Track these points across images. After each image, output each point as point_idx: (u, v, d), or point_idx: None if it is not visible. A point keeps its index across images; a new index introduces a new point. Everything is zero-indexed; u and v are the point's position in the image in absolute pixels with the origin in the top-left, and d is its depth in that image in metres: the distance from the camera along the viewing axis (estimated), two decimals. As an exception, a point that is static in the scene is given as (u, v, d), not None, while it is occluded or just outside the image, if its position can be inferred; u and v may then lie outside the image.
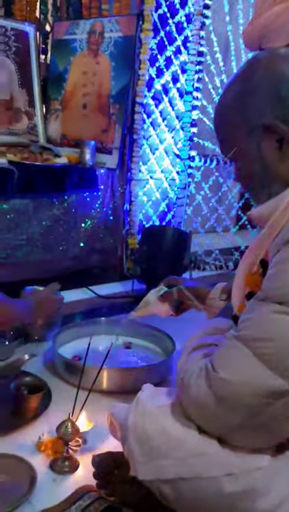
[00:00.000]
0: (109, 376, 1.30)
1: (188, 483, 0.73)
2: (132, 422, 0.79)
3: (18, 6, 2.54)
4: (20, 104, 2.36)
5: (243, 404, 0.69)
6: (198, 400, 0.73)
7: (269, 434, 0.72)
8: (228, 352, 0.72)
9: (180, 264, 2.17)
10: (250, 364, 0.69)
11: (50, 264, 2.09)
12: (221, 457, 0.73)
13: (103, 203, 2.26)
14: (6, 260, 1.95)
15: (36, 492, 0.92)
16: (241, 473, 0.72)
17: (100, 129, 2.26)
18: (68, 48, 2.40)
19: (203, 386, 0.73)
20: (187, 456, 0.74)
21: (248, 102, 0.80)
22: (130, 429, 0.79)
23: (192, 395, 0.75)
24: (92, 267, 2.27)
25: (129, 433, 0.79)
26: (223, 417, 0.71)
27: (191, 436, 0.75)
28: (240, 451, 0.73)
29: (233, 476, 0.72)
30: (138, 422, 0.78)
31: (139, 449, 0.77)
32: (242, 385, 0.69)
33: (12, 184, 1.88)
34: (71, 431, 0.98)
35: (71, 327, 1.53)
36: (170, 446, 0.75)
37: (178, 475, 0.74)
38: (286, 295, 0.68)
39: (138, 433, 0.78)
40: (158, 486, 0.76)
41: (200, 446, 0.74)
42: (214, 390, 0.71)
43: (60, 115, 2.43)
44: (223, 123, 0.86)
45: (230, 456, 0.73)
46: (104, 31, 2.28)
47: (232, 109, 0.83)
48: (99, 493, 0.92)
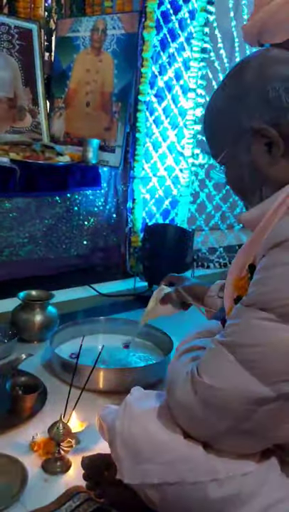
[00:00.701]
0: (106, 376, 1.31)
1: (173, 487, 0.73)
2: (119, 425, 0.79)
3: (22, 3, 2.54)
4: (24, 102, 2.37)
5: (228, 410, 0.69)
6: (184, 404, 0.73)
7: (255, 440, 0.72)
8: (212, 357, 0.72)
9: (183, 262, 2.16)
10: (234, 370, 0.69)
11: (53, 262, 2.10)
12: (206, 462, 0.73)
13: (106, 201, 2.26)
14: (9, 258, 1.97)
15: (27, 492, 0.93)
16: (226, 478, 0.72)
17: (102, 127, 2.26)
18: (72, 46, 2.40)
19: (189, 391, 0.73)
20: (172, 460, 0.74)
21: (237, 106, 0.79)
22: (117, 432, 0.79)
23: (178, 399, 0.75)
24: (95, 265, 2.28)
25: (116, 436, 0.79)
26: (208, 422, 0.71)
27: (177, 441, 0.75)
28: (225, 457, 0.73)
29: (218, 482, 0.72)
30: (125, 425, 0.78)
31: (126, 453, 0.77)
32: (226, 391, 0.69)
33: (15, 183, 1.89)
34: (62, 432, 0.98)
35: (69, 326, 1.53)
36: (155, 451, 0.75)
37: (163, 479, 0.74)
38: (270, 302, 0.68)
39: (124, 436, 0.78)
40: (144, 489, 0.76)
41: (185, 451, 0.74)
42: (199, 395, 0.71)
43: (64, 113, 2.43)
44: (213, 127, 0.85)
45: (215, 462, 0.73)
46: (107, 28, 2.27)
47: (221, 113, 0.82)
48: (89, 494, 0.92)
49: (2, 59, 2.32)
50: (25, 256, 1.99)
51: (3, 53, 2.32)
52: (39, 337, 1.53)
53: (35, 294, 1.57)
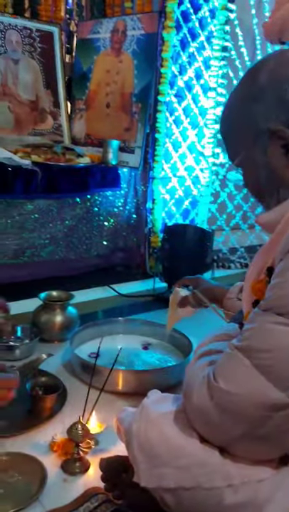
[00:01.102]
0: (125, 378, 1.31)
1: (189, 492, 0.73)
2: (135, 428, 0.79)
3: (43, 6, 2.57)
4: (46, 104, 2.40)
5: (243, 415, 0.68)
6: (200, 408, 0.73)
7: (271, 446, 0.71)
8: (228, 362, 0.72)
9: (202, 262, 2.15)
10: (250, 375, 0.68)
11: (73, 263, 2.12)
12: (222, 468, 0.73)
13: (126, 202, 2.27)
14: (31, 259, 2.00)
15: (46, 491, 0.94)
16: (242, 484, 0.71)
17: (122, 128, 2.27)
18: (92, 47, 2.42)
19: (205, 395, 0.72)
20: (188, 465, 0.74)
21: (254, 107, 0.78)
22: (134, 435, 0.79)
23: (194, 404, 0.75)
24: (115, 266, 2.29)
25: (132, 439, 0.79)
26: (224, 427, 0.71)
27: (193, 446, 0.75)
28: (241, 462, 0.73)
29: (233, 488, 0.71)
30: (141, 428, 0.79)
31: (142, 456, 0.77)
32: (242, 396, 0.68)
33: (36, 185, 1.92)
34: (81, 433, 0.99)
35: (89, 326, 1.54)
36: (171, 455, 0.75)
37: (179, 484, 0.74)
38: (287, 306, 0.67)
39: (141, 440, 0.78)
40: (160, 493, 0.76)
41: (201, 456, 0.74)
42: (215, 400, 0.71)
43: (85, 115, 2.45)
44: (229, 129, 0.85)
45: (231, 467, 0.72)
46: (127, 29, 2.27)
47: (237, 115, 0.82)
48: (107, 495, 0.93)
49: (24, 62, 2.36)
50: (47, 257, 2.02)
51: (25, 56, 2.36)
52: (59, 337, 1.55)
53: (56, 294, 1.59)
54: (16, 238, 1.92)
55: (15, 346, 1.42)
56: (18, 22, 2.33)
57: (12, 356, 1.40)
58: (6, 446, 1.06)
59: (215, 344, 0.88)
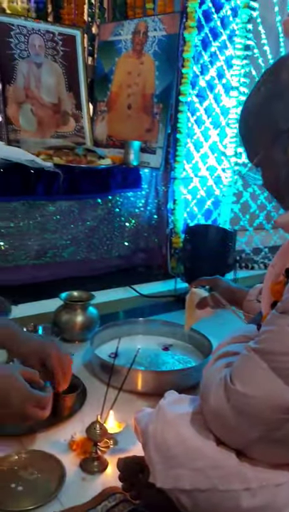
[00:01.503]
0: (144, 378, 1.31)
1: (205, 494, 0.73)
2: (152, 429, 0.80)
3: (66, 10, 2.61)
4: (68, 107, 2.43)
5: (260, 418, 0.68)
6: (216, 410, 0.73)
7: (287, 449, 0.70)
8: (245, 364, 0.71)
9: (224, 262, 2.13)
10: (267, 378, 0.67)
11: (94, 263, 2.14)
12: (238, 471, 0.72)
13: (147, 203, 2.27)
14: (53, 260, 2.02)
15: (65, 490, 0.95)
16: (259, 488, 0.70)
17: (144, 129, 2.27)
18: (113, 49, 2.43)
19: (221, 397, 0.72)
20: (204, 467, 0.73)
21: (274, 106, 0.77)
22: (150, 435, 0.79)
23: (211, 406, 0.74)
24: (136, 266, 2.29)
25: (149, 440, 0.79)
26: (240, 429, 0.70)
27: (209, 448, 0.74)
28: (259, 466, 0.72)
29: (250, 491, 0.71)
30: (158, 429, 0.79)
31: (158, 457, 0.77)
32: (258, 398, 0.67)
33: (58, 186, 1.95)
34: (99, 432, 1.00)
35: (110, 327, 1.55)
36: (188, 456, 0.75)
37: (194, 486, 0.73)
38: None
39: (157, 441, 0.78)
40: (176, 494, 0.76)
41: (218, 458, 0.73)
42: (232, 402, 0.70)
43: (106, 116, 2.46)
44: (248, 128, 0.84)
45: (248, 470, 0.72)
46: (148, 30, 2.28)
47: (257, 113, 0.81)
48: (124, 495, 0.93)
49: (47, 66, 2.39)
50: (68, 257, 2.04)
51: (48, 60, 2.39)
52: (80, 337, 1.56)
53: (77, 294, 1.60)
54: (38, 239, 1.95)
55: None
56: (41, 26, 2.36)
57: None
58: (26, 444, 1.08)
59: (233, 346, 0.88)
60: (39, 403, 0.96)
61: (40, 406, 0.96)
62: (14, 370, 0.97)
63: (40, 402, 0.96)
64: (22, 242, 1.93)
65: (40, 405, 0.96)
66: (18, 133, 2.24)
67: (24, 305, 1.78)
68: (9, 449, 1.04)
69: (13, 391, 0.93)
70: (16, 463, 1.01)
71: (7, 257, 1.92)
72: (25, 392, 0.94)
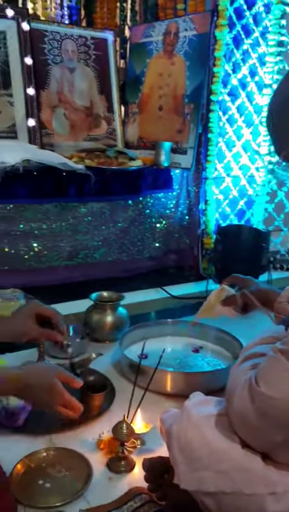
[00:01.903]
0: (174, 379, 1.31)
1: (230, 497, 0.72)
2: (176, 430, 0.79)
3: (99, 14, 2.64)
4: (100, 110, 2.45)
5: (285, 420, 0.66)
6: (240, 412, 0.71)
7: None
8: (271, 366, 0.69)
9: (257, 264, 2.09)
10: (292, 380, 0.65)
11: (126, 265, 2.15)
12: (263, 474, 0.70)
13: (178, 203, 2.26)
14: (85, 261, 2.05)
15: (91, 488, 0.96)
16: (285, 493, 0.68)
17: (175, 130, 2.27)
18: (145, 51, 2.44)
19: (246, 399, 0.70)
20: (229, 470, 0.72)
21: None
22: (174, 436, 0.79)
23: (235, 407, 0.73)
24: (167, 267, 2.29)
25: (173, 440, 0.79)
26: (264, 432, 0.68)
27: (234, 450, 0.73)
28: (285, 470, 0.70)
29: (276, 496, 0.69)
30: (182, 430, 0.78)
31: (182, 458, 0.77)
32: (283, 400, 0.66)
33: (89, 188, 1.97)
34: (126, 432, 1.00)
35: (139, 327, 1.55)
36: (212, 459, 0.74)
37: (219, 488, 0.72)
38: None
39: (181, 442, 0.77)
40: (200, 496, 0.75)
41: (242, 461, 0.72)
42: (256, 404, 0.69)
43: (138, 118, 2.47)
44: (276, 121, 0.82)
45: (273, 474, 0.70)
46: (179, 31, 2.27)
47: (285, 107, 0.79)
48: (150, 496, 0.93)
49: (80, 70, 2.43)
50: (100, 258, 2.06)
51: (81, 64, 2.43)
52: (110, 337, 1.57)
53: (107, 295, 1.61)
54: (70, 240, 1.98)
55: (67, 345, 1.46)
56: (74, 31, 2.40)
57: (64, 354, 1.44)
58: (54, 441, 1.10)
59: (260, 347, 0.86)
60: (69, 405, 0.97)
61: (70, 407, 0.98)
62: (52, 370, 1.00)
63: (71, 404, 0.97)
64: (55, 243, 1.97)
65: (70, 407, 0.98)
66: (51, 137, 2.28)
67: (56, 305, 1.80)
68: (38, 446, 1.06)
69: (48, 389, 0.95)
70: (45, 460, 1.03)
71: (40, 258, 1.96)
72: (58, 391, 0.96)
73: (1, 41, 2.16)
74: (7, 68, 2.17)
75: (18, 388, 0.91)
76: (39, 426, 1.13)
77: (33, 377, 0.94)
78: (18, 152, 1.86)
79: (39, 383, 0.94)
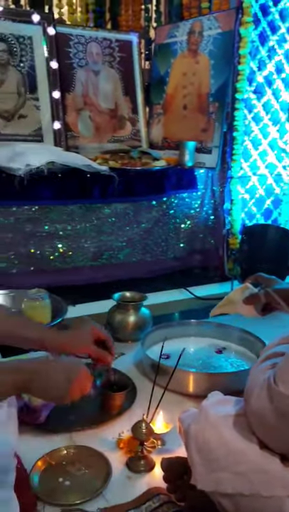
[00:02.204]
0: (196, 380, 1.29)
1: (248, 499, 0.70)
2: (193, 430, 0.78)
3: (124, 17, 2.66)
4: (124, 111, 2.46)
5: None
6: (258, 411, 0.70)
7: None
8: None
9: (284, 264, 2.05)
10: (312, 380, 0.63)
11: (150, 265, 2.14)
12: (282, 476, 0.68)
13: (203, 203, 2.24)
14: (109, 261, 2.06)
15: (110, 487, 0.96)
16: (305, 497, 0.66)
17: (199, 129, 2.25)
18: (169, 52, 2.43)
19: (264, 398, 0.69)
20: (247, 471, 0.70)
21: None
22: (192, 436, 0.78)
23: (253, 406, 0.71)
24: (192, 268, 2.27)
25: (190, 440, 0.78)
26: (282, 432, 0.67)
27: (252, 451, 0.71)
28: (305, 473, 0.67)
29: (295, 499, 0.66)
30: (199, 430, 0.77)
31: (200, 459, 0.75)
32: (302, 401, 0.63)
33: (113, 189, 1.97)
34: (145, 431, 1.00)
35: (162, 328, 1.54)
36: (230, 459, 0.72)
37: (237, 490, 0.71)
38: None
39: (199, 442, 0.76)
40: (217, 497, 0.73)
41: (261, 463, 0.70)
42: (275, 403, 0.67)
43: (162, 119, 2.47)
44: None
45: (292, 477, 0.67)
46: (204, 30, 2.26)
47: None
48: (169, 496, 0.92)
49: (104, 73, 2.45)
50: (124, 259, 2.07)
51: (105, 67, 2.45)
52: (132, 337, 1.57)
53: (129, 295, 1.61)
54: (95, 241, 1.99)
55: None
56: (99, 34, 2.42)
57: (86, 354, 1.45)
58: (75, 439, 1.10)
59: (281, 347, 0.84)
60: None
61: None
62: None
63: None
64: (79, 244, 1.98)
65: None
66: (76, 139, 2.31)
67: (81, 305, 1.82)
68: (59, 444, 1.07)
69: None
70: (65, 458, 1.03)
71: (65, 259, 1.98)
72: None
73: (28, 46, 2.20)
74: (33, 73, 2.21)
75: (33, 369, 0.87)
76: (60, 424, 1.14)
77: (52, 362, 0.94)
78: (42, 154, 1.89)
79: (60, 369, 0.92)
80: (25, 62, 2.18)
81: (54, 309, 1.60)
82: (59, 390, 0.86)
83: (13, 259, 1.88)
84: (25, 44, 2.18)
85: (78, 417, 1.17)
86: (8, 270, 1.87)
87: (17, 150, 1.89)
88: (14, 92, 2.15)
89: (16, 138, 2.13)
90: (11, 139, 2.09)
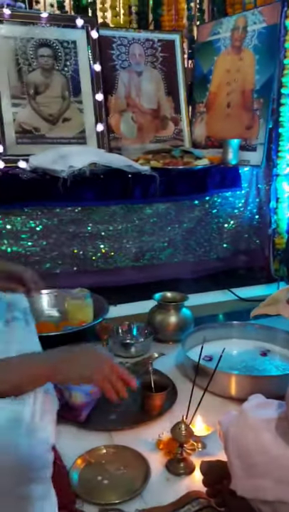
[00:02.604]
0: (238, 383, 1.26)
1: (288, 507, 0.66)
2: (232, 433, 0.75)
3: (166, 17, 2.65)
4: (167, 111, 2.45)
5: None
6: (301, 417, 0.66)
7: None
8: None
9: None
10: None
11: (192, 266, 2.11)
12: None
13: (247, 202, 2.19)
14: (151, 262, 2.05)
15: (149, 488, 0.94)
16: None
17: (244, 126, 2.20)
18: (212, 49, 2.40)
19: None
20: (287, 478, 0.67)
21: None
22: (230, 439, 0.75)
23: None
24: (236, 269, 2.21)
25: (229, 443, 0.75)
26: None
27: (294, 458, 0.68)
28: None
29: None
30: (238, 433, 0.74)
31: (239, 463, 0.73)
32: None
33: (155, 189, 1.97)
34: (184, 433, 0.98)
35: (203, 329, 1.51)
36: (269, 465, 0.69)
37: (277, 497, 0.67)
38: None
39: (238, 446, 0.73)
40: (257, 504, 0.70)
41: (304, 471, 0.66)
42: None
43: (205, 117, 2.44)
44: None
45: None
46: (248, 25, 2.21)
47: None
48: (209, 501, 0.89)
49: (147, 73, 2.45)
50: (166, 260, 2.05)
51: (148, 67, 2.45)
52: (173, 338, 1.55)
53: (170, 295, 1.60)
54: (136, 242, 1.99)
55: (130, 344, 1.47)
56: (141, 35, 2.43)
57: (127, 353, 1.45)
58: (114, 439, 1.10)
59: None
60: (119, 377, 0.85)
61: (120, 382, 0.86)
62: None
63: (122, 376, 0.85)
64: (121, 244, 1.99)
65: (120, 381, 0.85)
66: (119, 141, 2.32)
67: (122, 305, 1.83)
68: (98, 443, 1.07)
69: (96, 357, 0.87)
70: (104, 457, 1.03)
71: (107, 259, 2.00)
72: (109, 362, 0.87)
73: (72, 50, 2.24)
74: (77, 76, 2.24)
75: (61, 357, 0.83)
76: (100, 423, 1.14)
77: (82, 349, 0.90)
78: (85, 156, 1.91)
79: (87, 351, 0.88)
80: (69, 66, 2.22)
81: (96, 309, 1.61)
82: (84, 367, 0.82)
83: (57, 259, 1.92)
84: (69, 48, 2.22)
85: (118, 416, 1.17)
86: (52, 270, 1.91)
87: (61, 152, 1.93)
88: (58, 96, 2.19)
89: (61, 141, 2.17)
90: (56, 142, 2.14)
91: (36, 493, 0.67)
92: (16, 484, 0.64)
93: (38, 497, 0.67)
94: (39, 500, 0.71)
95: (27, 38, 2.13)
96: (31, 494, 0.66)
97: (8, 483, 0.63)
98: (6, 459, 0.63)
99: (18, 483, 0.65)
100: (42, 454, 0.69)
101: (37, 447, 0.65)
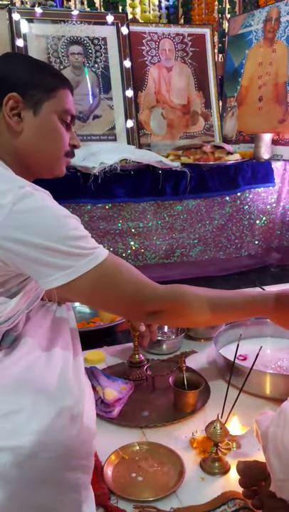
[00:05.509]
0: (274, 382, 1.22)
1: None
2: (271, 433, 0.73)
3: (197, 11, 2.63)
4: (197, 106, 2.43)
5: None
6: None
7: None
8: None
9: None
10: None
11: (223, 263, 2.09)
12: None
13: (280, 198, 2.14)
14: (181, 259, 2.04)
15: (183, 486, 0.93)
16: None
17: (276, 120, 2.15)
18: (243, 42, 2.36)
19: None
20: None
21: None
22: (270, 440, 0.73)
23: None
24: (268, 266, 2.17)
25: (268, 444, 0.73)
26: None
27: None
28: None
29: None
30: (278, 433, 0.72)
31: (279, 465, 0.71)
32: None
33: (185, 185, 1.95)
34: (220, 432, 0.96)
35: (236, 326, 1.49)
36: (313, 468, 0.67)
37: None
38: None
39: (278, 446, 0.71)
40: (300, 509, 0.68)
41: None
42: None
43: (236, 112, 2.40)
44: None
45: None
46: (281, 16, 2.15)
47: None
48: (245, 502, 0.87)
49: (177, 68, 2.43)
50: (196, 257, 2.03)
51: (178, 62, 2.43)
52: (205, 335, 1.53)
53: (202, 292, 1.57)
54: (166, 238, 1.98)
55: (162, 341, 1.46)
56: (171, 30, 2.41)
57: (159, 350, 1.44)
58: (148, 436, 1.09)
59: None
60: None
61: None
62: None
63: None
64: (151, 241, 1.98)
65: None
66: (148, 137, 2.32)
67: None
68: (131, 439, 1.06)
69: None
70: (138, 453, 1.02)
71: (138, 256, 1.99)
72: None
73: (102, 47, 2.24)
74: (107, 73, 2.24)
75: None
76: (133, 419, 1.13)
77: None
78: (115, 153, 1.91)
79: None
80: (99, 63, 2.22)
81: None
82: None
83: (88, 256, 1.92)
84: (99, 45, 2.23)
85: (150, 413, 1.16)
86: (83, 267, 1.92)
87: (91, 150, 1.93)
88: (89, 94, 2.20)
89: (91, 138, 2.18)
90: (87, 140, 2.15)
91: (82, 482, 0.67)
92: (64, 470, 0.65)
93: (83, 485, 0.67)
94: (84, 490, 0.71)
95: (58, 36, 2.15)
96: (78, 482, 0.66)
97: (55, 469, 0.64)
98: (53, 445, 0.63)
99: (66, 468, 0.65)
100: (87, 441, 0.69)
101: (82, 434, 0.65)
